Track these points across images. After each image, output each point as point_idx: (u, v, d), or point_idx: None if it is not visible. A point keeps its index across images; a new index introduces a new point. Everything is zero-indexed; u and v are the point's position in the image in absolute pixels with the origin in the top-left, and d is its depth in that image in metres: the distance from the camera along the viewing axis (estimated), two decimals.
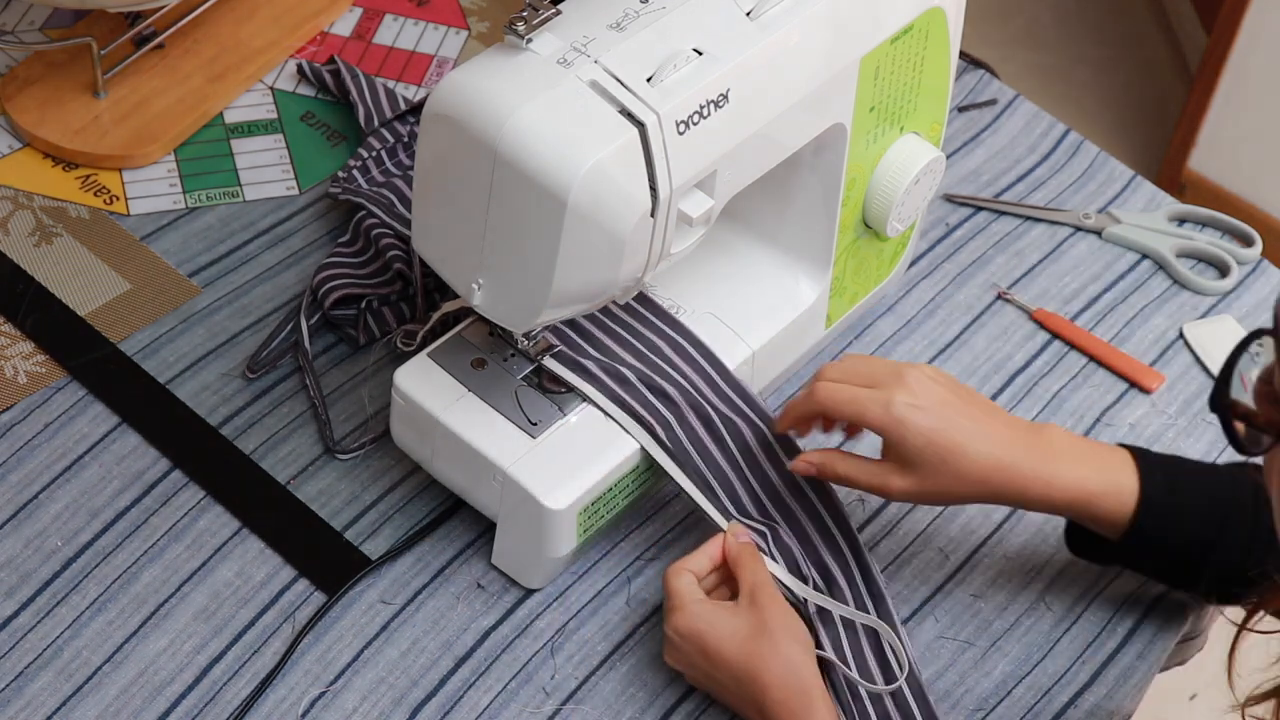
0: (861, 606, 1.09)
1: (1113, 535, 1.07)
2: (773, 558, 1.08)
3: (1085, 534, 1.10)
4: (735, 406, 1.14)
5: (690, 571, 1.06)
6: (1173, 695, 1.13)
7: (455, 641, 1.10)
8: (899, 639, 1.07)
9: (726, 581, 1.08)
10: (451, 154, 1.01)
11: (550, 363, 1.11)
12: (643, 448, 1.10)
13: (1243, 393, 0.83)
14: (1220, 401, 0.82)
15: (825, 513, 1.12)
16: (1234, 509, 1.06)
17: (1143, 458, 1.07)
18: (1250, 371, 0.83)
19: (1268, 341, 0.81)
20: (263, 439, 1.18)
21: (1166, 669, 1.21)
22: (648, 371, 1.13)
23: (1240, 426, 0.82)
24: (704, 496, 1.10)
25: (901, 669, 1.06)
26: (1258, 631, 0.93)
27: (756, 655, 1.02)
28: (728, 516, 1.10)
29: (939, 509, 1.20)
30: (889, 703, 1.06)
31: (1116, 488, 1.05)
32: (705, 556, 1.07)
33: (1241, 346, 0.83)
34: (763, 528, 1.10)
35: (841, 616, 1.08)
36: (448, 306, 1.16)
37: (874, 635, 1.08)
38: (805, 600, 1.08)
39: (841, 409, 1.06)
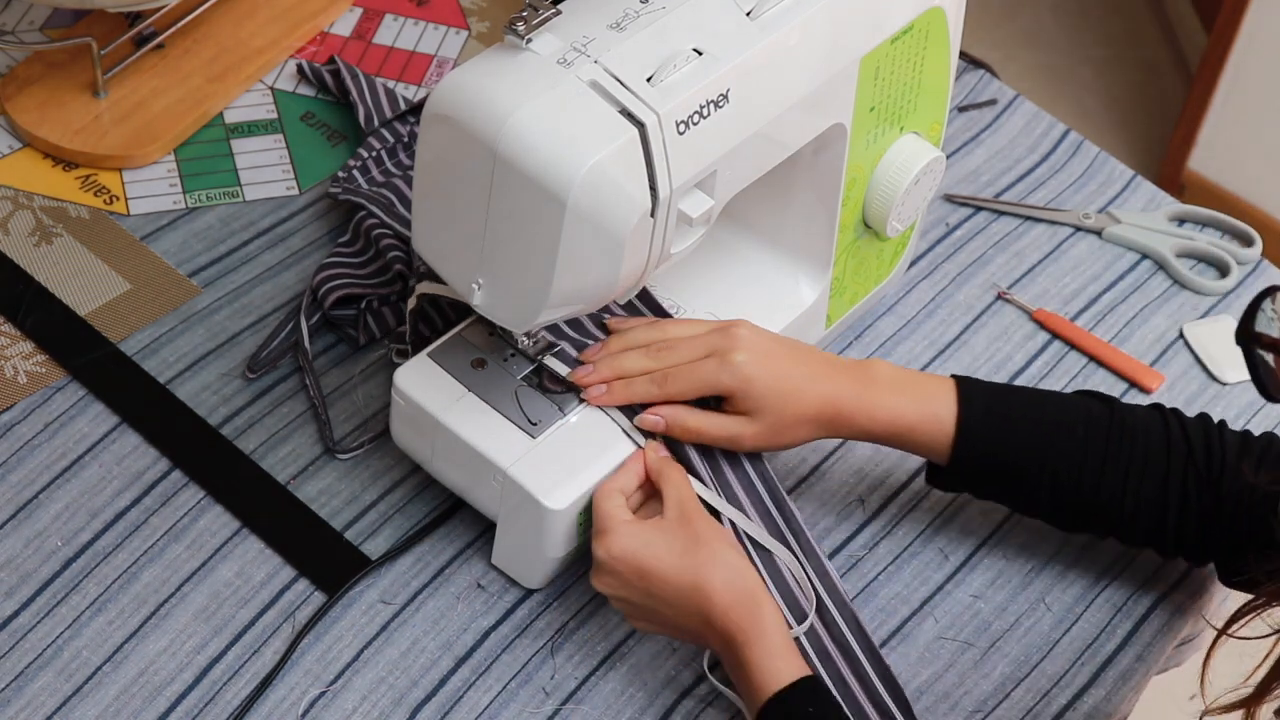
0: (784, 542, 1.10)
1: (941, 461, 1.11)
2: (702, 481, 1.09)
3: (934, 471, 1.14)
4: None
5: (619, 491, 1.07)
6: (1172, 695, 1.13)
7: (455, 641, 1.10)
8: (826, 570, 1.09)
9: (652, 499, 1.09)
10: (451, 154, 1.01)
11: (551, 362, 1.11)
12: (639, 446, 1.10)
13: (1269, 325, 0.87)
14: (1246, 333, 0.85)
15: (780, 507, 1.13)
16: (1060, 429, 1.09)
17: (965, 385, 1.10)
18: (1270, 328, 0.86)
19: None
20: (263, 439, 1.18)
21: (1164, 671, 1.21)
22: None
23: (1269, 359, 0.85)
24: (707, 492, 1.10)
25: (810, 604, 1.08)
26: (1238, 638, 0.94)
27: (696, 566, 1.02)
28: (730, 505, 1.09)
29: (939, 509, 1.20)
30: (824, 635, 1.07)
31: (934, 416, 1.09)
32: (631, 474, 1.08)
33: (1265, 294, 0.87)
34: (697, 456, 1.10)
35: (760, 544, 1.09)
36: (423, 288, 1.16)
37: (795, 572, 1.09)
38: (730, 522, 1.09)
39: (694, 389, 1.08)
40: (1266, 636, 0.93)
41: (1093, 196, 1.43)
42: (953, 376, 1.11)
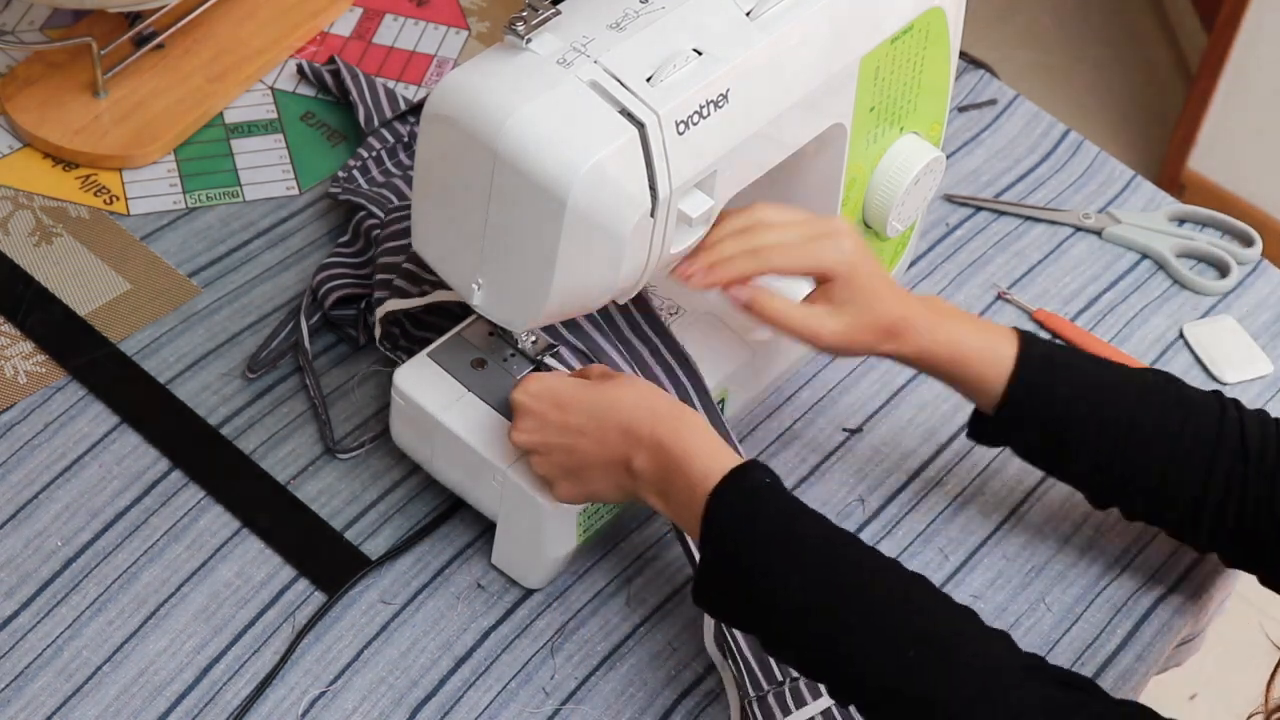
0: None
1: (988, 407, 1.10)
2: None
3: (980, 421, 1.13)
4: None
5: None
6: (1172, 695, 1.13)
7: (455, 641, 1.10)
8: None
9: None
10: (451, 154, 1.01)
11: (550, 362, 1.11)
12: None
13: None
14: None
15: None
16: (1116, 390, 1.09)
17: (1026, 334, 1.10)
18: None
19: None
20: (263, 439, 1.18)
21: (1163, 671, 1.21)
22: (645, 370, 1.13)
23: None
24: None
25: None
26: None
27: (614, 386, 1.03)
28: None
29: (939, 509, 1.20)
30: None
31: (993, 352, 1.09)
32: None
33: None
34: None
35: None
36: (387, 307, 1.17)
37: None
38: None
39: (797, 263, 1.07)
40: None
41: (1093, 196, 1.43)
42: (1016, 329, 1.11)
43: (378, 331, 1.19)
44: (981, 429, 1.13)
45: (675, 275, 1.07)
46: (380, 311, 1.17)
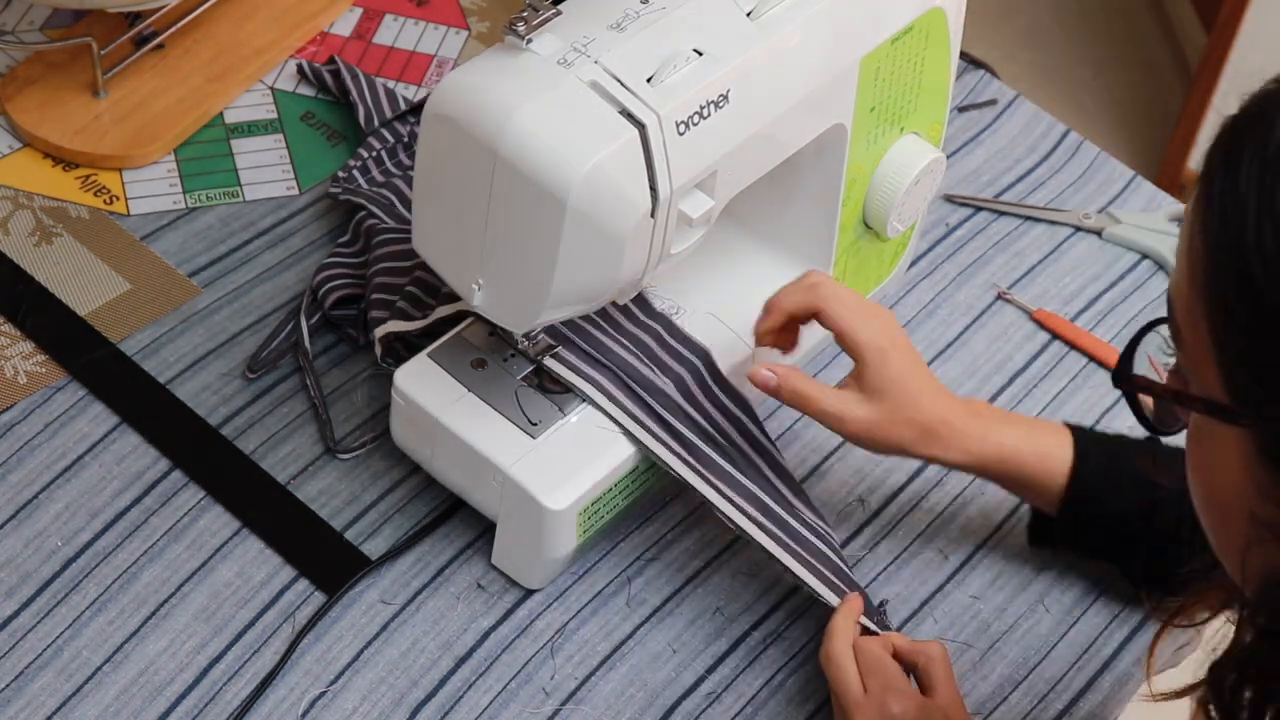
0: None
1: (1049, 508, 1.09)
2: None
3: (1040, 524, 1.13)
4: (722, 406, 1.14)
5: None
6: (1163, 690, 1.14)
7: (455, 641, 1.10)
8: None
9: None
10: (451, 154, 1.01)
11: (550, 362, 1.11)
12: (643, 446, 1.10)
13: (1148, 372, 0.86)
14: (1123, 376, 0.84)
15: (807, 512, 1.13)
16: (1167, 476, 1.06)
17: (1080, 432, 1.09)
18: (1160, 358, 0.86)
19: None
20: (263, 439, 1.18)
21: (1160, 672, 1.21)
22: (645, 371, 1.13)
23: (1148, 403, 0.84)
24: (712, 491, 1.10)
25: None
26: (1179, 625, 0.95)
27: None
28: (738, 509, 1.09)
29: (939, 509, 1.20)
30: None
31: (1047, 453, 1.08)
32: (888, 643, 1.05)
33: (1143, 332, 0.86)
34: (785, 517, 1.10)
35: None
36: (389, 328, 1.17)
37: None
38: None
39: (841, 318, 1.07)
40: (1205, 621, 0.94)
41: (1093, 196, 1.43)
42: (1066, 424, 1.10)
43: (378, 350, 1.19)
44: (1039, 534, 1.13)
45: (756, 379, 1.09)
46: (380, 332, 1.17)
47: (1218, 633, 0.90)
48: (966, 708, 1.08)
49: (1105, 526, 1.09)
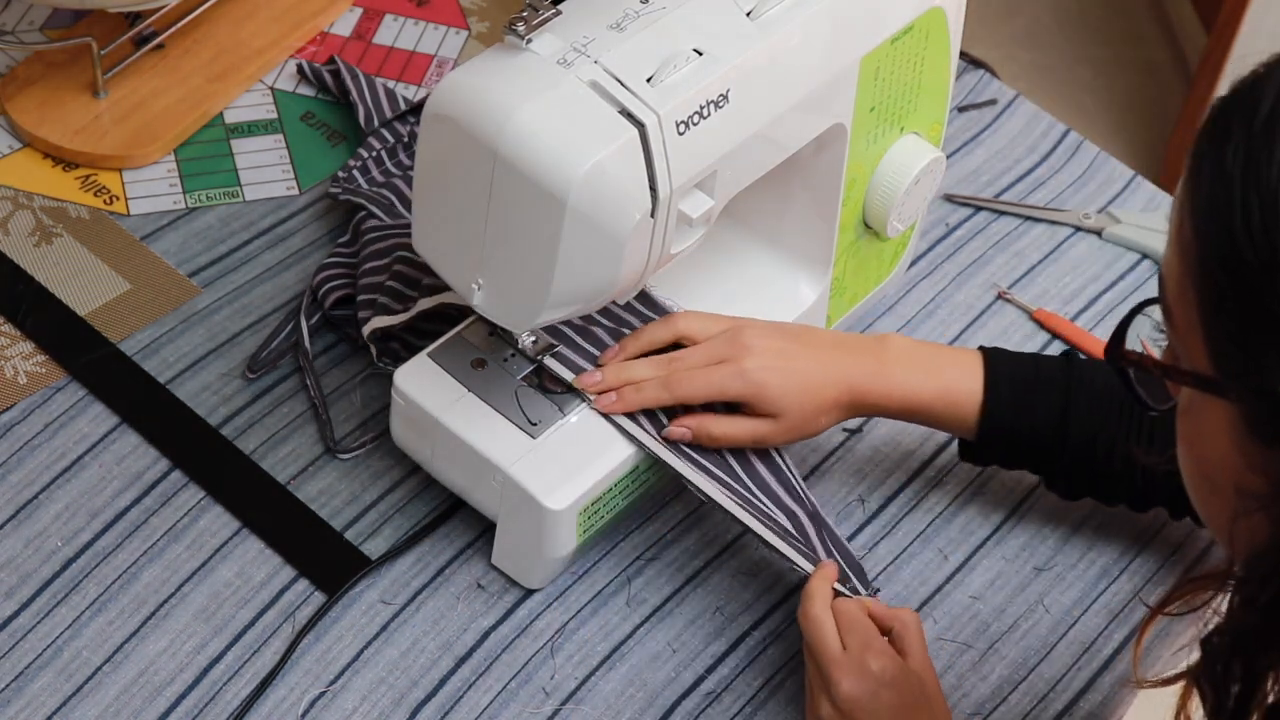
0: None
1: (970, 437, 1.12)
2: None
3: (967, 442, 1.15)
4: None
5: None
6: (1170, 695, 1.13)
7: (455, 641, 1.10)
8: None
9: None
10: (451, 154, 1.01)
11: (550, 362, 1.11)
12: (643, 446, 1.10)
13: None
14: (1115, 352, 0.85)
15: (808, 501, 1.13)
16: (1078, 401, 1.10)
17: (992, 361, 1.11)
18: (1151, 340, 0.87)
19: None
20: (263, 439, 1.18)
21: (1162, 675, 1.21)
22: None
23: (1135, 376, 0.86)
24: (715, 487, 1.10)
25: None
26: (1169, 614, 0.96)
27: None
28: (740, 504, 1.09)
29: (939, 509, 1.20)
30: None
31: (953, 393, 1.10)
32: (863, 606, 1.06)
33: (1135, 311, 0.87)
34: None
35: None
36: (373, 325, 1.17)
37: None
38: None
39: (703, 395, 1.10)
40: (1194, 610, 0.95)
41: (1093, 196, 1.43)
42: (980, 349, 1.12)
43: (373, 350, 1.19)
44: (968, 454, 1.15)
45: (581, 384, 1.10)
46: (366, 330, 1.17)
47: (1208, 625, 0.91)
48: (948, 696, 1.08)
49: (1021, 446, 1.12)
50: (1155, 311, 0.85)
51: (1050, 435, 1.10)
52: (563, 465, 1.08)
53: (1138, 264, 1.38)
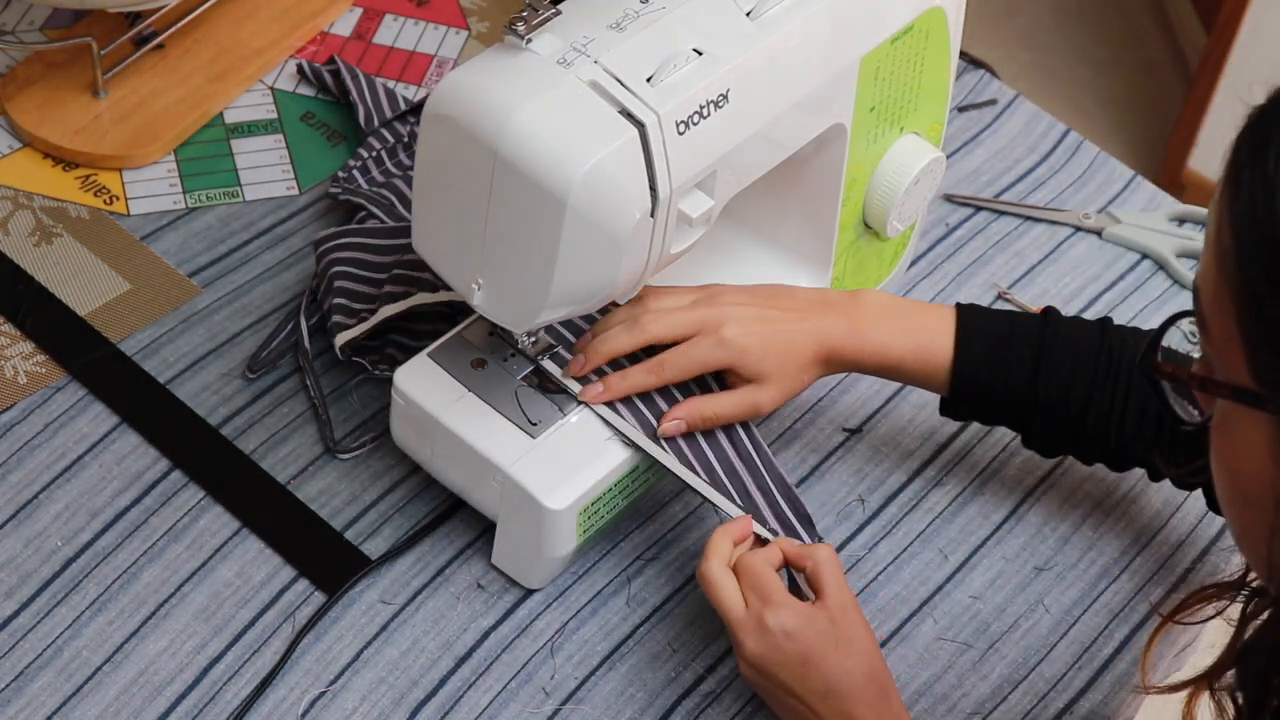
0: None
1: (943, 392, 1.13)
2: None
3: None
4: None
5: (771, 565, 1.05)
6: (1171, 696, 1.13)
7: (455, 641, 1.10)
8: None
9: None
10: (451, 154, 1.01)
11: (549, 365, 1.11)
12: (641, 447, 1.10)
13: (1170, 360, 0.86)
14: (1148, 363, 0.84)
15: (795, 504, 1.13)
16: (1052, 358, 1.10)
17: (965, 318, 1.11)
18: (1181, 353, 0.86)
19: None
20: (263, 439, 1.18)
21: (1166, 678, 1.21)
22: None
23: (1168, 390, 0.85)
24: (711, 488, 1.10)
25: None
26: (1180, 622, 0.96)
27: (843, 664, 1.01)
28: (736, 505, 1.09)
29: (939, 509, 1.20)
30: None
31: (926, 349, 1.11)
32: (775, 554, 1.06)
33: (1168, 324, 0.87)
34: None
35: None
36: (345, 338, 1.17)
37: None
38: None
39: (690, 371, 1.10)
40: (1207, 620, 0.95)
41: (1093, 196, 1.43)
42: (956, 305, 1.12)
43: (367, 363, 1.19)
44: (946, 408, 1.15)
45: (568, 372, 1.11)
46: (339, 343, 1.18)
47: (1211, 649, 0.91)
48: (948, 696, 1.08)
49: (994, 402, 1.12)
50: (1185, 323, 0.84)
51: (1023, 390, 1.10)
52: (563, 465, 1.08)
53: (1138, 264, 1.38)
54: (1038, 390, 1.10)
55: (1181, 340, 0.87)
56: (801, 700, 1.01)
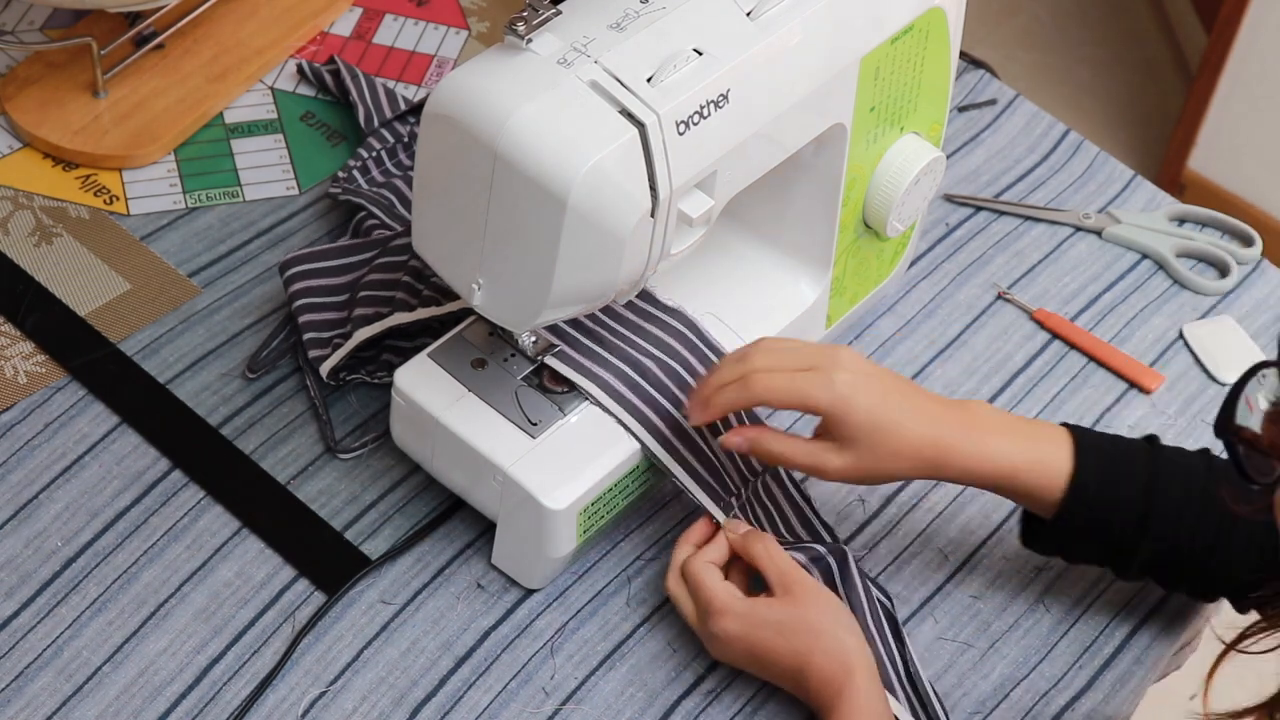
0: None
1: (1045, 514, 1.07)
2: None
3: (1033, 526, 1.10)
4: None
5: (714, 565, 1.07)
6: (1171, 695, 1.13)
7: (455, 641, 1.10)
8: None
9: (737, 561, 1.09)
10: (451, 154, 1.01)
11: (551, 361, 1.11)
12: (643, 445, 1.10)
13: (1248, 417, 0.81)
14: (1226, 426, 0.80)
15: (807, 509, 1.13)
16: (1164, 484, 1.06)
17: (1080, 436, 1.06)
18: (1257, 395, 0.81)
19: (1274, 371, 0.80)
20: (263, 439, 1.18)
21: (1163, 676, 1.21)
22: (650, 366, 1.12)
23: (1243, 451, 0.81)
24: (704, 493, 1.10)
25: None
26: (1246, 652, 0.93)
27: (800, 648, 1.03)
28: (728, 512, 1.10)
29: (939, 509, 1.20)
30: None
31: (1044, 463, 1.05)
32: (719, 547, 1.08)
33: (1249, 374, 0.82)
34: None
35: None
36: (328, 366, 1.18)
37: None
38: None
39: (783, 397, 1.04)
40: (1274, 650, 0.91)
41: (1093, 196, 1.43)
42: (1064, 425, 1.07)
43: (364, 373, 1.19)
44: (1033, 538, 1.11)
45: (692, 422, 1.08)
46: (324, 371, 1.18)
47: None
48: (948, 695, 1.07)
49: (1100, 536, 1.07)
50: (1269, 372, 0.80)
51: (1136, 511, 1.05)
52: (563, 465, 1.08)
53: (1138, 264, 1.38)
54: (1151, 509, 1.05)
55: (1261, 389, 0.81)
56: (780, 682, 1.05)
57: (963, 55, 1.44)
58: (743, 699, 1.09)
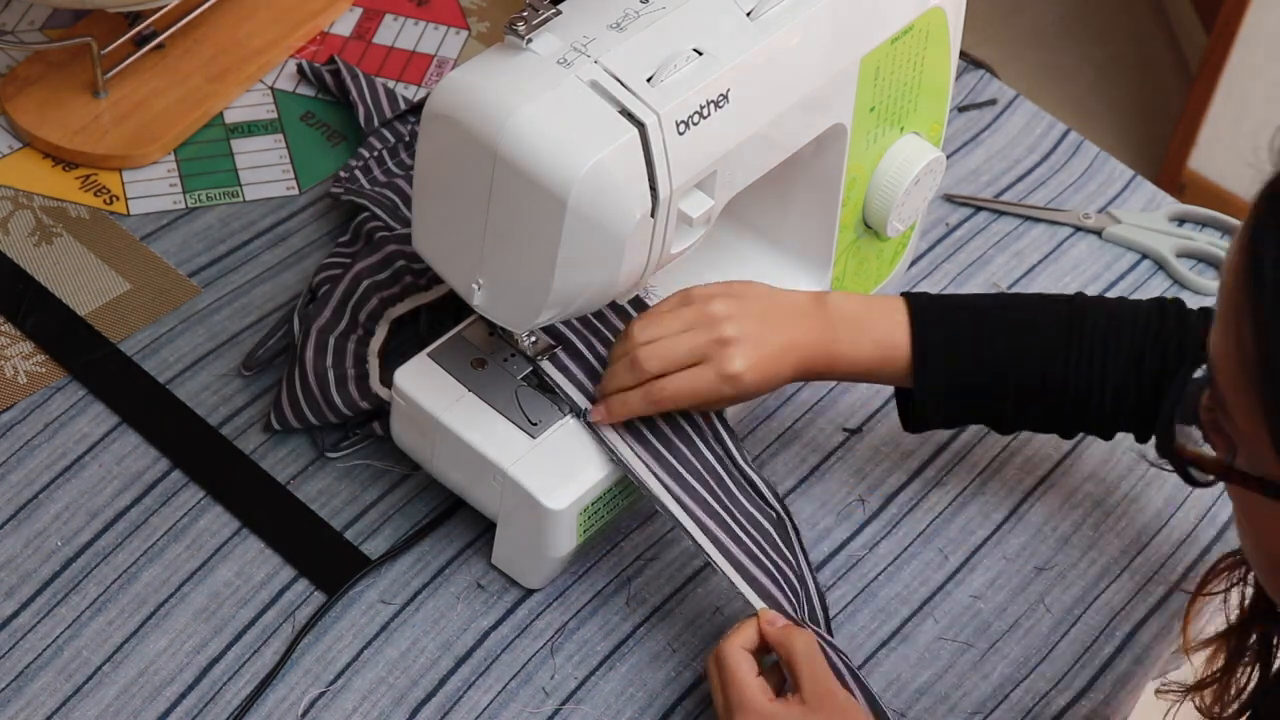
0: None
1: (905, 384, 1.11)
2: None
3: (907, 409, 1.13)
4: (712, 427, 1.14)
5: (748, 653, 1.02)
6: (1167, 696, 1.14)
7: (455, 641, 1.10)
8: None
9: (768, 653, 1.05)
10: (451, 154, 1.01)
11: (546, 366, 1.11)
12: (622, 465, 1.09)
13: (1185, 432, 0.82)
14: (1167, 448, 0.80)
15: (787, 523, 1.12)
16: (1017, 333, 1.08)
17: (918, 311, 1.09)
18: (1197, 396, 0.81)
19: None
20: (263, 439, 1.18)
21: (1163, 675, 1.21)
22: None
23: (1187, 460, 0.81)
24: (687, 518, 1.08)
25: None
26: (1207, 594, 0.96)
27: None
28: (704, 531, 1.07)
29: (939, 509, 1.20)
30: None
31: (893, 351, 1.09)
32: (753, 632, 1.03)
33: (1179, 391, 0.81)
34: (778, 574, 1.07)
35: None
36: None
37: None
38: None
39: (689, 403, 1.08)
40: (1228, 589, 0.94)
41: (1093, 196, 1.43)
42: (903, 295, 1.11)
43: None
44: (907, 416, 1.13)
45: (594, 419, 1.09)
46: (373, 349, 1.18)
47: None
48: (949, 696, 1.07)
49: (962, 400, 1.10)
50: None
51: (989, 372, 1.08)
52: (563, 465, 1.08)
53: (1138, 264, 1.38)
54: (1008, 375, 1.08)
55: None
56: None
57: (963, 55, 1.45)
58: None
